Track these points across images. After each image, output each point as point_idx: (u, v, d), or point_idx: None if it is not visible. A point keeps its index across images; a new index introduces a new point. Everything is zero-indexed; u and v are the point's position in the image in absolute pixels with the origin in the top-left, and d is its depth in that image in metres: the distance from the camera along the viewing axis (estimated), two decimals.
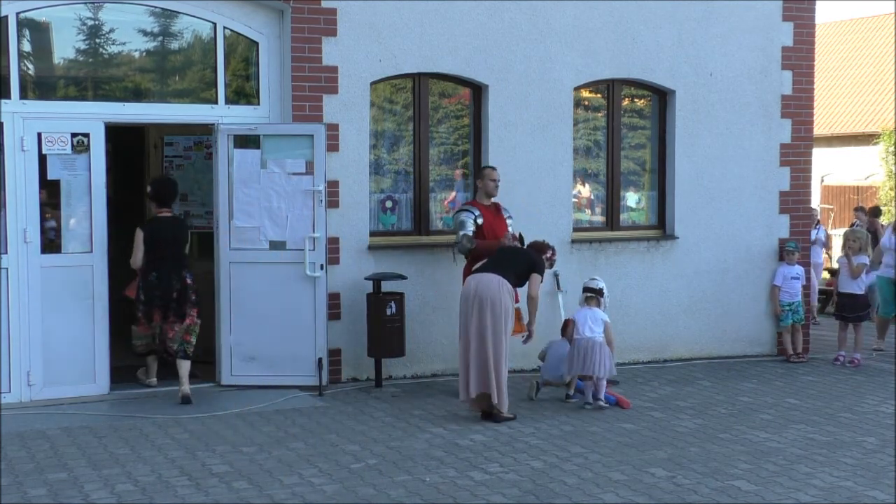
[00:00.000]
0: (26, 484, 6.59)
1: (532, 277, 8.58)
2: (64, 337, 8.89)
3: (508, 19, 10.24)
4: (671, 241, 11.08)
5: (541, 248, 8.98)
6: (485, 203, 9.47)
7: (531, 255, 8.78)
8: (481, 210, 9.38)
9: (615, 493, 6.50)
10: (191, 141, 10.49)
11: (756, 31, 11.28)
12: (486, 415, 8.33)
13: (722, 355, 11.28)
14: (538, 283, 8.61)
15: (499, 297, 8.20)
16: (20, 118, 8.76)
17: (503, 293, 8.24)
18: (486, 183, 9.50)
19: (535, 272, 8.59)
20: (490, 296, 8.19)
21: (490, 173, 9.55)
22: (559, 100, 10.50)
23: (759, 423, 8.35)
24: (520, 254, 8.81)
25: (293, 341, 9.26)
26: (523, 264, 8.62)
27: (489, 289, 8.23)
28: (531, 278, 8.58)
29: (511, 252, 8.84)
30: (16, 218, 8.75)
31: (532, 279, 8.58)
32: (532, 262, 8.66)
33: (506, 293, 8.27)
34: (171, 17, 9.42)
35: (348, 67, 9.66)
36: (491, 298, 8.18)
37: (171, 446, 7.50)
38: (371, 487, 6.57)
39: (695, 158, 11.13)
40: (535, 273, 8.58)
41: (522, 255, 8.78)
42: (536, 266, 8.65)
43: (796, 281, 11.29)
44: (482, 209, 9.40)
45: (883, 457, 7.42)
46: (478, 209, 9.38)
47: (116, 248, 9.47)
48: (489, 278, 8.31)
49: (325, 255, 9.33)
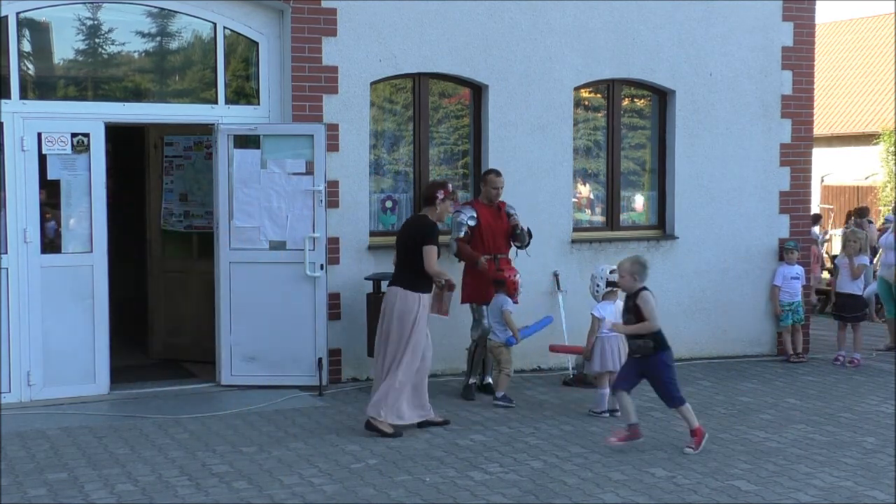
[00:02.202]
0: (26, 484, 6.59)
1: (424, 252, 7.81)
2: (64, 337, 8.89)
3: (508, 19, 10.24)
4: (671, 241, 11.08)
5: (430, 196, 8.09)
6: (485, 203, 9.46)
7: (418, 225, 8.02)
8: (479, 211, 9.35)
9: (615, 493, 6.50)
10: (191, 141, 10.49)
11: (756, 31, 11.28)
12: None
13: (722, 355, 11.28)
14: (432, 255, 7.79)
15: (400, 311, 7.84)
16: (20, 118, 8.76)
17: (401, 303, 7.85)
18: (489, 190, 9.40)
19: (425, 244, 7.81)
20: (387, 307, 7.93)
21: (493, 180, 9.40)
22: (559, 100, 10.50)
23: (759, 423, 8.35)
24: (409, 231, 8.06)
25: (293, 341, 9.26)
26: (412, 240, 7.90)
27: (385, 302, 8.00)
28: (424, 253, 7.81)
29: (403, 233, 8.14)
30: (16, 218, 8.75)
31: (424, 254, 7.80)
32: (420, 234, 7.88)
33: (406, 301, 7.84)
34: (171, 17, 9.42)
35: (348, 67, 9.66)
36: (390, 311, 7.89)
37: (171, 446, 7.50)
38: (371, 487, 6.57)
39: (695, 158, 11.13)
40: (425, 245, 7.81)
41: (412, 230, 8.04)
42: (425, 238, 7.84)
43: (796, 281, 11.29)
44: (481, 210, 9.37)
45: (883, 457, 7.42)
46: (475, 210, 9.35)
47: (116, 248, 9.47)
48: (388, 293, 8.00)
49: (325, 255, 9.33)
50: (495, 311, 8.98)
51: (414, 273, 7.92)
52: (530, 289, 9.75)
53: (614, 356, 8.55)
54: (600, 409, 8.57)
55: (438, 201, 8.07)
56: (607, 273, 8.69)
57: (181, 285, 10.61)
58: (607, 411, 8.55)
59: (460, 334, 9.76)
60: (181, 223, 10.59)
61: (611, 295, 8.69)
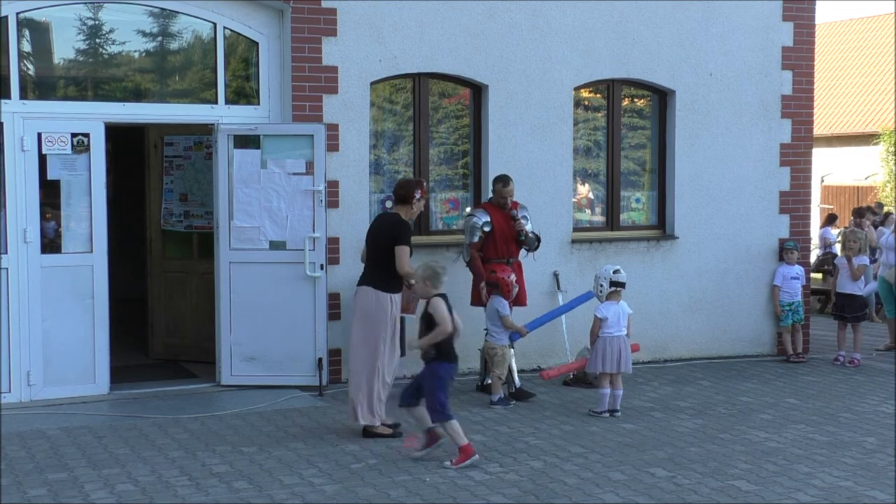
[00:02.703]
0: (26, 484, 6.59)
1: (396, 252, 7.65)
2: (64, 337, 8.89)
3: (508, 19, 10.24)
4: (671, 241, 11.08)
5: (407, 195, 7.89)
6: (498, 206, 9.33)
7: (391, 224, 7.85)
8: (492, 215, 9.27)
9: (615, 493, 6.50)
10: (191, 141, 10.49)
11: (756, 31, 11.28)
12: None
13: (722, 355, 11.28)
14: (404, 255, 7.64)
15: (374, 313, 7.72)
16: (20, 118, 8.76)
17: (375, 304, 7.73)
18: (497, 199, 9.34)
19: (396, 245, 7.66)
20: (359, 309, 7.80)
21: (501, 190, 9.30)
22: (559, 100, 10.50)
23: (759, 423, 8.35)
24: (381, 230, 7.88)
25: (293, 341, 9.25)
26: (384, 240, 7.75)
27: (356, 303, 7.87)
28: (396, 254, 7.65)
29: (374, 231, 7.97)
30: (16, 218, 8.75)
31: (397, 255, 7.65)
32: (393, 234, 7.73)
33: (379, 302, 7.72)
34: (171, 17, 9.42)
35: (348, 67, 9.66)
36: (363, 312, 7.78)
37: (171, 446, 7.50)
38: (371, 487, 6.57)
39: (695, 158, 11.13)
40: (396, 246, 7.65)
41: (383, 230, 7.86)
42: (397, 237, 7.69)
43: (796, 281, 11.29)
44: (494, 214, 9.28)
45: (883, 457, 7.42)
46: (488, 214, 9.29)
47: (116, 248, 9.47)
48: (359, 293, 7.84)
49: (325, 255, 9.33)
50: (491, 313, 8.98)
51: (386, 273, 7.78)
52: (530, 289, 9.75)
53: (615, 356, 8.54)
54: (600, 409, 8.57)
55: (415, 201, 7.91)
56: (611, 273, 8.67)
57: (181, 285, 10.61)
58: (607, 411, 8.55)
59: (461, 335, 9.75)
60: (181, 223, 10.59)
61: (614, 295, 8.67)
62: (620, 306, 8.61)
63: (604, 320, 8.55)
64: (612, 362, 8.54)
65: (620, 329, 8.59)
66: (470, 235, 9.28)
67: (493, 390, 8.92)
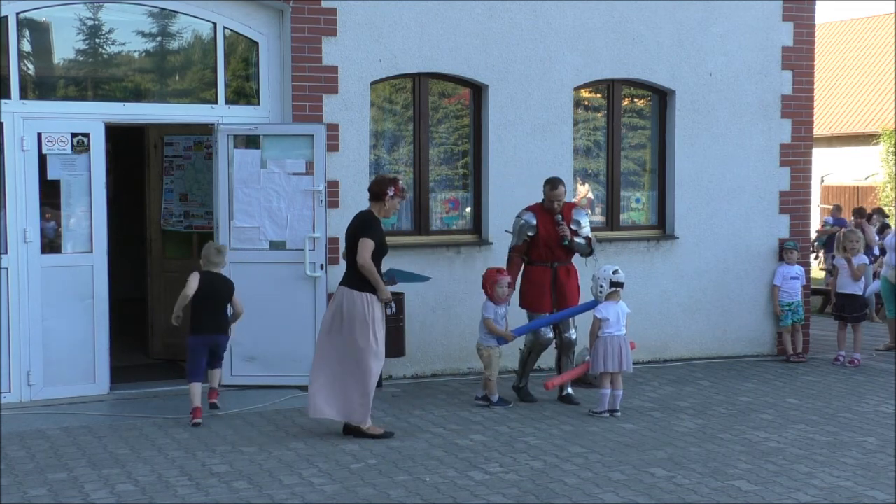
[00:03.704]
0: (26, 484, 6.59)
1: (359, 244, 7.66)
2: (64, 337, 8.89)
3: (508, 19, 10.24)
4: (671, 241, 11.08)
5: (380, 192, 7.89)
6: (547, 210, 9.08)
7: (361, 219, 7.86)
8: (539, 219, 9.04)
9: (615, 493, 6.50)
10: (191, 141, 10.49)
11: (756, 31, 11.28)
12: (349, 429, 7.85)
13: (722, 355, 11.28)
14: (366, 248, 7.61)
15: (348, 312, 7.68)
16: (20, 118, 8.76)
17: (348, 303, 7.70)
18: (546, 203, 9.09)
19: (362, 237, 7.68)
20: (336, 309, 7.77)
21: (549, 193, 9.01)
22: (559, 100, 10.50)
23: (759, 423, 8.35)
24: (354, 228, 7.86)
25: (293, 341, 9.25)
26: (356, 235, 7.73)
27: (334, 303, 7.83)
28: (359, 245, 7.65)
29: (349, 229, 7.92)
30: (16, 218, 8.75)
31: (359, 246, 7.65)
32: (360, 229, 7.75)
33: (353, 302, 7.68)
34: (171, 17, 9.42)
35: (348, 67, 9.66)
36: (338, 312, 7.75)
37: (171, 446, 7.50)
38: (371, 487, 6.57)
39: (695, 158, 11.13)
40: (361, 238, 7.68)
41: (356, 227, 7.83)
42: (364, 230, 7.72)
43: (796, 281, 11.29)
44: (541, 217, 9.05)
45: (883, 457, 7.42)
46: (536, 216, 9.09)
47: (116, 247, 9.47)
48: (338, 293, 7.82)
49: (326, 255, 9.33)
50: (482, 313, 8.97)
51: (359, 272, 7.74)
52: None
53: (616, 356, 8.55)
54: (600, 409, 8.57)
55: (388, 198, 7.85)
56: (610, 273, 8.65)
57: (181, 285, 10.55)
58: (607, 411, 8.55)
59: (461, 334, 9.78)
60: (181, 223, 10.59)
61: (614, 295, 8.66)
62: (620, 306, 8.62)
63: (604, 321, 8.55)
64: (614, 361, 8.55)
65: (620, 329, 8.60)
66: (516, 238, 9.12)
67: (489, 392, 8.89)
